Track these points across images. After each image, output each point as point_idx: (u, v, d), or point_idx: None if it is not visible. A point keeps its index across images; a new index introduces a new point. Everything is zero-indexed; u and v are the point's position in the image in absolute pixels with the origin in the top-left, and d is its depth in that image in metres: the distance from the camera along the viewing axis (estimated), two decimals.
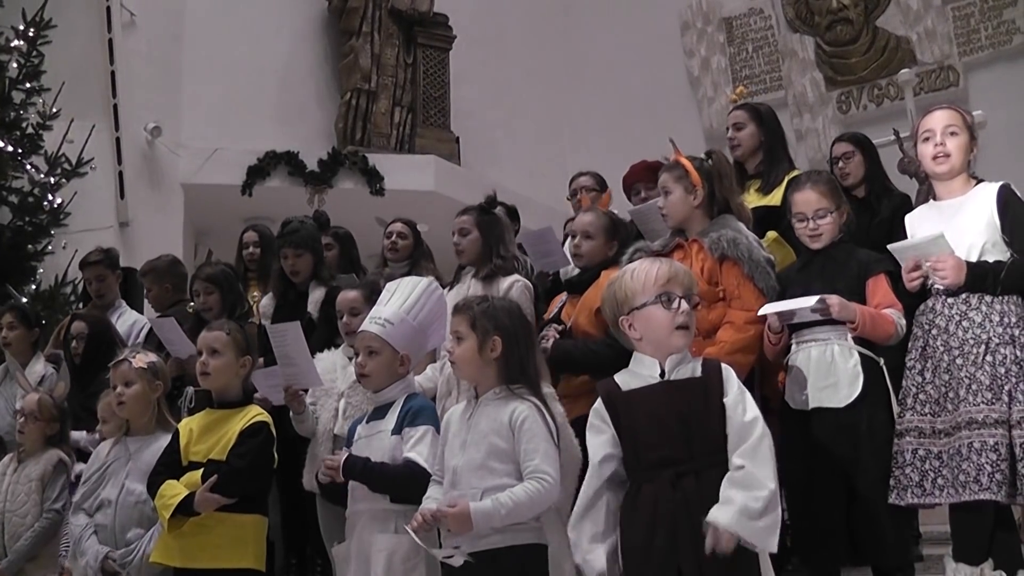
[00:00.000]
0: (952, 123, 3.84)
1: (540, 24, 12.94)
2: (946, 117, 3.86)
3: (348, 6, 10.97)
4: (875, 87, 11.28)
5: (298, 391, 4.52)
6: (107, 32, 9.58)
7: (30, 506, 4.88)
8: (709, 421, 2.99)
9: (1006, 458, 3.45)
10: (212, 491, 3.88)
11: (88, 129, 8.79)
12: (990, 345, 3.59)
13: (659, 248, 4.25)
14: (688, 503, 2.92)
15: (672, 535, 2.93)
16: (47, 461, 4.96)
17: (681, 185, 4.20)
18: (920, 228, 3.87)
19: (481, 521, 3.12)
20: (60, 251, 8.34)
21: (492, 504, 3.14)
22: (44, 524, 4.84)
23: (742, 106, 5.46)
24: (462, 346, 3.38)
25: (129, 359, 4.37)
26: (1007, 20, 10.61)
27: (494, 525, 3.15)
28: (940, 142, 3.82)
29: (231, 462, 3.96)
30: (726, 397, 3.01)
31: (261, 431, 4.05)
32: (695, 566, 2.88)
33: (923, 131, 3.89)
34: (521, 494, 3.15)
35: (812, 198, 4.09)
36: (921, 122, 3.94)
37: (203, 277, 5.66)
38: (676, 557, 2.92)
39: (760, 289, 4.03)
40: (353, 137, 10.69)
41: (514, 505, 3.14)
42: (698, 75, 12.33)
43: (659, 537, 2.96)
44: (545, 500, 3.19)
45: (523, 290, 4.86)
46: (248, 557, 3.97)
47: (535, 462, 3.18)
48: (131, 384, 4.34)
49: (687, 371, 3.09)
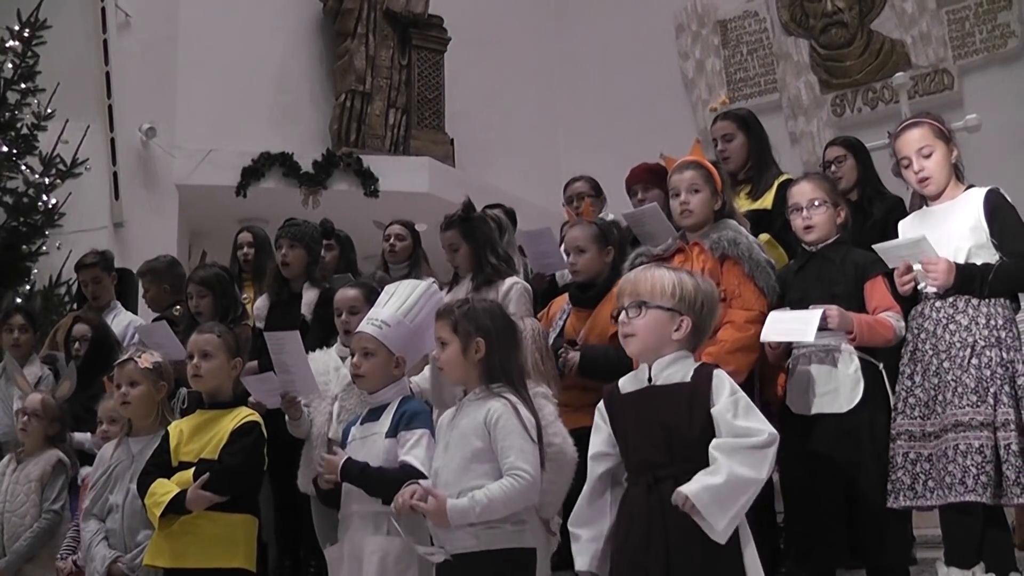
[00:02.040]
0: (923, 143, 3.86)
1: (535, 26, 12.95)
2: (917, 139, 3.88)
3: (343, 8, 10.97)
4: (870, 90, 11.28)
5: (295, 397, 4.52)
6: (102, 33, 9.57)
7: (29, 506, 4.89)
8: (690, 429, 2.97)
9: (991, 460, 3.47)
10: (204, 489, 3.87)
11: (83, 130, 8.79)
12: (976, 348, 3.61)
13: (661, 252, 4.26)
14: (663, 506, 2.92)
15: (645, 536, 2.94)
16: (46, 461, 4.97)
17: (710, 187, 4.20)
18: (911, 233, 3.89)
19: (456, 517, 3.13)
20: (55, 252, 8.35)
21: (468, 501, 3.15)
22: (43, 524, 4.85)
23: (727, 115, 5.46)
24: (447, 351, 3.39)
25: (134, 358, 4.35)
26: (1002, 24, 10.62)
27: (470, 521, 3.15)
28: (919, 169, 3.84)
29: (224, 460, 3.96)
30: (714, 407, 2.97)
31: (253, 430, 4.06)
32: (663, 569, 2.89)
33: (900, 157, 3.92)
34: (496, 491, 3.16)
35: (807, 189, 4.13)
36: (896, 146, 3.95)
37: (196, 280, 5.67)
38: (646, 558, 2.93)
39: (761, 288, 4.05)
40: (348, 139, 10.68)
41: (488, 502, 3.14)
42: (692, 77, 12.33)
43: (632, 538, 2.98)
44: (522, 497, 3.19)
45: (522, 292, 4.89)
46: (238, 557, 3.96)
47: (510, 459, 3.19)
48: (136, 384, 4.33)
49: (677, 375, 3.06)
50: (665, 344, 3.08)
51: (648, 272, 3.19)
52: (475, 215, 5.19)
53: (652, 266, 3.33)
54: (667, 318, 3.07)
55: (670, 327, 3.07)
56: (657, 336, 3.08)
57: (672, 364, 3.08)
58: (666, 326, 3.07)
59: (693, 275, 3.21)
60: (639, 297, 3.10)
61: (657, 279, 3.12)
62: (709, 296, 3.16)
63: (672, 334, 3.08)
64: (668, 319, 3.08)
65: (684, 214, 4.22)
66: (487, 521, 3.17)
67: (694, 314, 3.09)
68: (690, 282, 3.13)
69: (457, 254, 5.13)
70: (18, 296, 7.67)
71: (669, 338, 3.08)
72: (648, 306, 3.08)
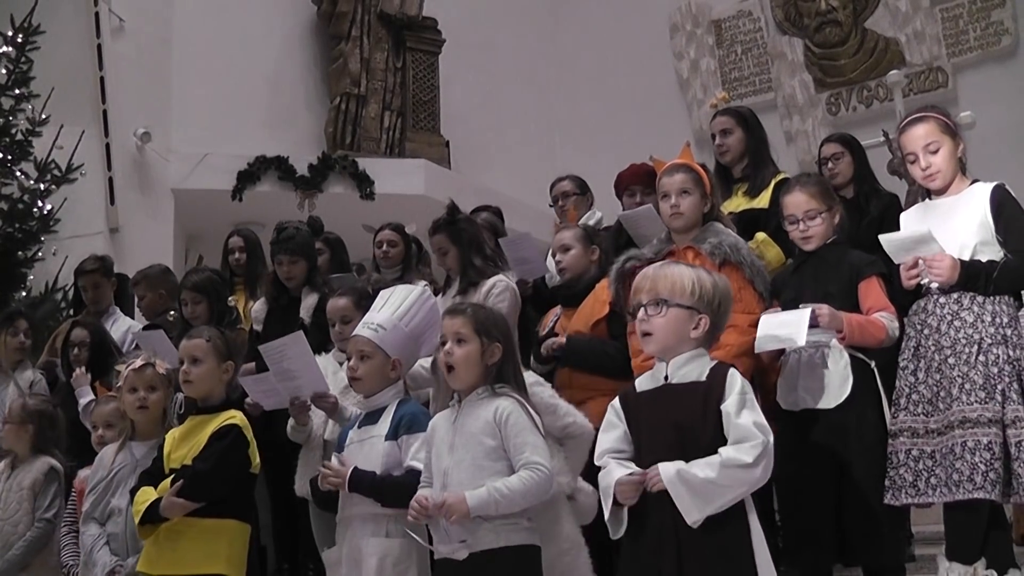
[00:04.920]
0: (931, 139, 3.83)
1: (529, 27, 12.96)
2: (924, 135, 3.84)
3: (337, 10, 10.97)
4: (864, 88, 11.31)
5: (305, 403, 4.48)
6: (96, 37, 9.54)
7: (21, 515, 4.85)
8: (704, 427, 2.98)
9: (1000, 457, 3.46)
10: (179, 495, 3.82)
11: (78, 135, 8.76)
12: (982, 345, 3.60)
13: (652, 255, 4.26)
14: (675, 508, 2.92)
15: (657, 539, 2.95)
16: (38, 470, 4.93)
17: (699, 190, 4.21)
18: (915, 226, 3.88)
19: (477, 507, 3.13)
20: (50, 257, 8.31)
21: (487, 492, 3.15)
22: (36, 533, 4.82)
23: (726, 111, 5.48)
24: (464, 348, 3.36)
25: (153, 363, 4.32)
26: (996, 21, 10.65)
27: (490, 512, 3.15)
28: (925, 165, 3.83)
29: (195, 466, 3.89)
30: (724, 402, 2.99)
31: (229, 433, 3.96)
32: (675, 565, 2.89)
33: (906, 153, 3.89)
34: (516, 483, 3.17)
35: (801, 200, 4.11)
36: (901, 141, 3.93)
37: (189, 286, 5.65)
38: (659, 560, 2.93)
39: (760, 293, 4.06)
40: (343, 141, 10.68)
41: (510, 493, 3.15)
42: (687, 77, 12.35)
43: (644, 540, 2.98)
44: (540, 490, 3.20)
45: (505, 289, 4.90)
46: (219, 563, 3.87)
47: (526, 454, 3.20)
48: (155, 389, 4.29)
49: (693, 374, 3.07)
50: (683, 342, 3.09)
51: (667, 269, 3.18)
52: (460, 217, 5.20)
53: (670, 263, 3.34)
54: (686, 316, 3.08)
55: (688, 325, 3.08)
56: (676, 335, 3.08)
57: (689, 362, 3.09)
58: (685, 324, 3.08)
59: (710, 273, 3.22)
60: (659, 295, 3.10)
61: (677, 277, 3.12)
62: (725, 295, 3.17)
63: (690, 332, 3.08)
64: (687, 317, 3.08)
65: (674, 216, 4.22)
66: (505, 516, 3.17)
67: (712, 312, 3.10)
68: (708, 280, 3.13)
69: (447, 257, 5.15)
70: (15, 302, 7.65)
71: (687, 336, 3.08)
72: (668, 304, 3.08)
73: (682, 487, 2.89)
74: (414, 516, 3.24)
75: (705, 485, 2.88)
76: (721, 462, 2.89)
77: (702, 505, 2.89)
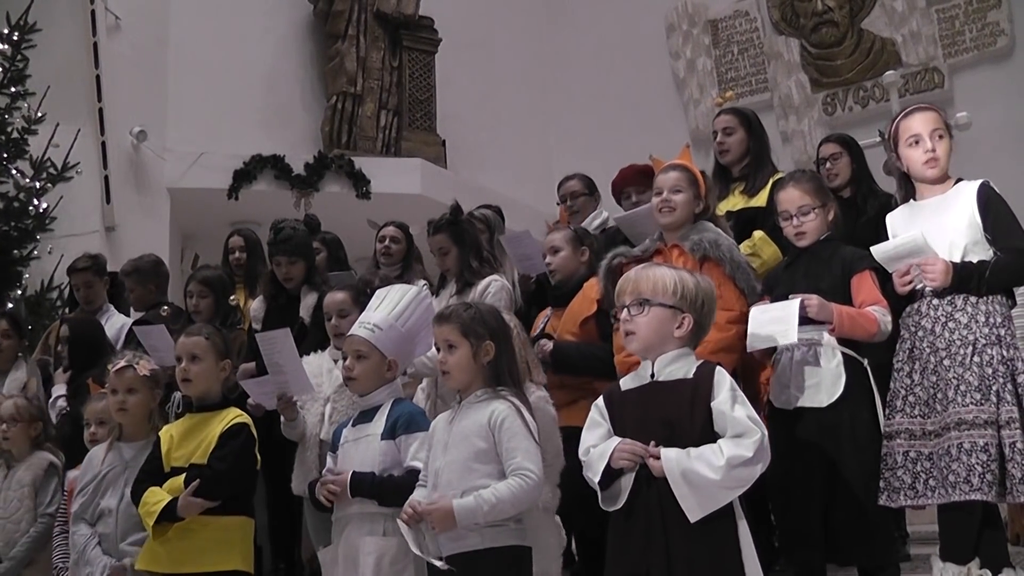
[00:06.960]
0: (938, 126, 3.83)
1: (526, 27, 12.96)
2: (932, 120, 3.84)
3: (333, 9, 10.95)
4: (860, 89, 11.31)
5: (291, 398, 4.50)
6: (92, 36, 9.52)
7: (23, 512, 4.87)
8: (692, 424, 3.01)
9: (996, 458, 3.47)
10: (195, 495, 3.85)
11: (73, 133, 8.74)
12: (977, 346, 3.60)
13: (640, 253, 4.27)
14: (661, 501, 2.96)
15: (645, 533, 2.97)
16: (37, 466, 4.95)
17: (693, 190, 4.23)
18: (901, 227, 3.88)
19: (464, 517, 3.14)
20: (46, 256, 8.30)
21: (475, 500, 3.15)
22: (40, 529, 4.83)
23: (729, 111, 5.50)
24: (456, 354, 3.38)
25: (133, 365, 4.33)
26: (991, 22, 10.66)
27: (477, 521, 3.16)
28: (931, 148, 3.82)
29: (213, 465, 3.92)
30: (715, 400, 3.02)
31: (241, 432, 4.01)
32: (663, 565, 2.91)
33: (908, 135, 3.86)
34: (504, 490, 3.17)
35: (795, 196, 4.12)
36: (902, 124, 3.90)
37: (199, 280, 5.65)
38: (646, 554, 2.95)
39: (741, 289, 4.07)
40: (339, 140, 10.67)
41: (497, 501, 3.15)
42: (684, 77, 12.34)
43: (632, 535, 3.00)
44: (528, 497, 3.21)
45: (499, 289, 4.93)
46: (235, 559, 3.94)
47: (517, 459, 3.21)
48: (134, 392, 4.29)
49: (680, 372, 3.11)
50: (667, 341, 3.13)
51: (649, 271, 3.22)
52: (463, 218, 5.21)
53: (652, 264, 3.37)
54: (669, 316, 3.12)
55: (672, 324, 3.12)
56: (659, 333, 3.13)
57: (675, 361, 3.12)
58: (668, 324, 3.12)
59: (693, 274, 3.25)
60: (641, 295, 3.14)
61: (659, 277, 3.16)
62: (709, 295, 3.20)
63: (674, 331, 3.12)
64: (670, 317, 3.12)
65: (664, 211, 4.24)
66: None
67: (695, 312, 3.14)
68: (691, 280, 3.17)
69: (447, 258, 5.17)
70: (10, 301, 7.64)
71: (671, 335, 3.13)
72: (650, 304, 3.12)
73: (686, 487, 2.93)
74: (405, 520, 3.25)
75: (710, 486, 2.93)
76: (726, 461, 2.92)
77: (706, 503, 2.93)
